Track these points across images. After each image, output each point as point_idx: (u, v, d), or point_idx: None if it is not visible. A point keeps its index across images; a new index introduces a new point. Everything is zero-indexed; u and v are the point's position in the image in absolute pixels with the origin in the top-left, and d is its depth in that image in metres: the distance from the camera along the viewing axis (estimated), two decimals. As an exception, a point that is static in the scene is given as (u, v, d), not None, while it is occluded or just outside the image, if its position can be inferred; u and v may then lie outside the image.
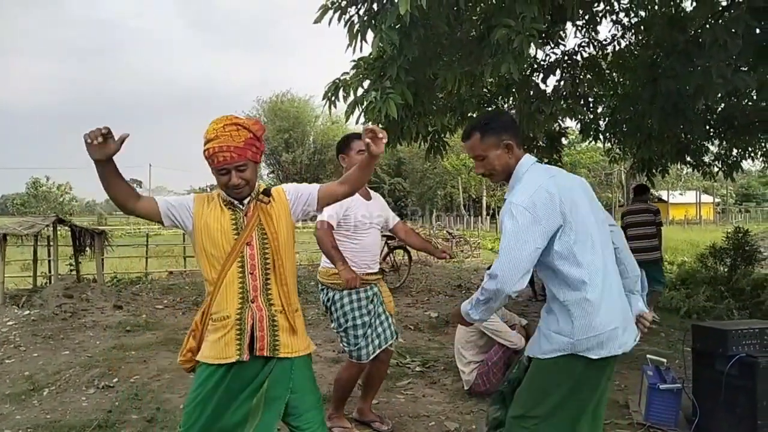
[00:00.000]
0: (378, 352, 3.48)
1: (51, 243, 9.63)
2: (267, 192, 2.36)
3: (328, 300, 3.53)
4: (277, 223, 2.32)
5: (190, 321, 7.35)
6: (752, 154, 9.73)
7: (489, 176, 2.42)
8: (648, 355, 4.24)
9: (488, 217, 43.29)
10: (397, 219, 3.85)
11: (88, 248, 9.38)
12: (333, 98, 5.36)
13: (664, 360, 4.13)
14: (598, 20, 7.85)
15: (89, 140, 1.96)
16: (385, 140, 2.19)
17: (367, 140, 2.17)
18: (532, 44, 4.39)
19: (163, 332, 6.59)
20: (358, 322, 3.43)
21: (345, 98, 5.41)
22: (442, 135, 7.81)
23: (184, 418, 2.26)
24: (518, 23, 4.34)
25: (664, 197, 52.52)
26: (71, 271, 9.67)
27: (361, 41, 4.95)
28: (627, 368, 5.22)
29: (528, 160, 2.33)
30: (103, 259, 9.92)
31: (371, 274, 3.56)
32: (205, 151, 2.20)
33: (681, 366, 4.56)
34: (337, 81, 5.42)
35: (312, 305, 8.43)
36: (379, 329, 3.51)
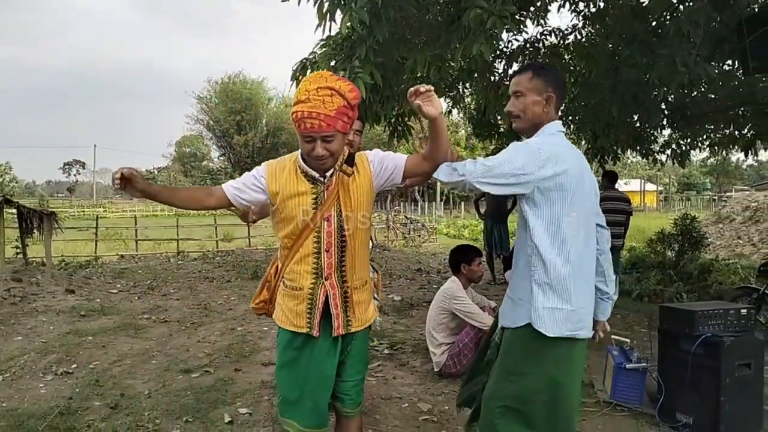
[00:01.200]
0: None
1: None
2: (351, 160, 2.21)
3: None
4: (358, 198, 2.21)
5: (147, 305, 7.22)
6: (700, 144, 10.09)
7: (515, 117, 2.32)
8: (612, 336, 4.36)
9: (442, 203, 43.69)
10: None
11: (35, 230, 8.96)
12: (300, 78, 5.27)
13: (627, 340, 4.26)
14: (557, 9, 7.95)
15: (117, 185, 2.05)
16: (432, 96, 1.98)
17: (417, 103, 1.97)
18: (505, 25, 4.42)
19: (120, 317, 6.39)
20: None
21: None
22: (406, 119, 7.80)
23: (279, 383, 2.39)
24: (490, 4, 4.35)
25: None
26: (17, 254, 9.25)
27: (330, 21, 4.87)
28: (589, 348, 5.36)
29: (557, 125, 2.28)
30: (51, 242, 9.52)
31: None
32: (293, 113, 2.06)
33: (640, 346, 4.72)
34: (305, 61, 5.33)
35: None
36: None
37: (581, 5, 8.16)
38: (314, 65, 5.29)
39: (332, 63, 5.30)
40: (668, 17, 6.68)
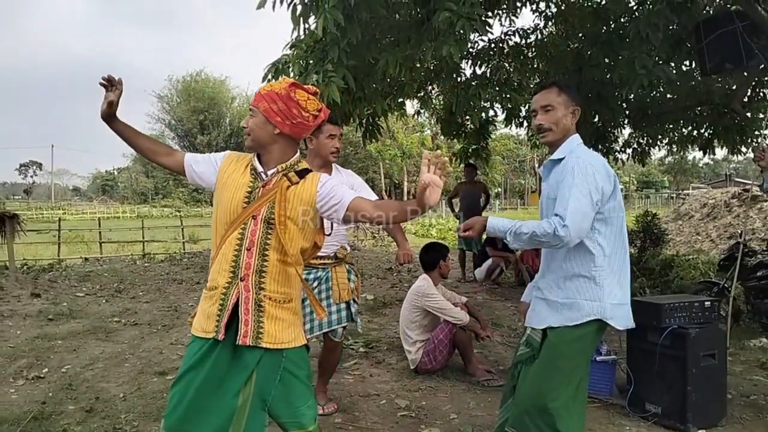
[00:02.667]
0: (308, 336, 3.31)
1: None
2: (302, 173, 2.16)
3: None
4: (293, 209, 2.10)
5: (116, 308, 7.13)
6: (659, 143, 10.40)
7: (546, 131, 2.45)
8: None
9: (408, 202, 43.90)
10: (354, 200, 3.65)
11: (-3, 233, 8.73)
12: (273, 80, 5.27)
13: (596, 334, 4.40)
14: (518, 9, 8.08)
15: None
16: (440, 186, 1.80)
17: (430, 179, 1.77)
18: (474, 27, 4.52)
19: (89, 320, 6.29)
20: None
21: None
22: (377, 119, 7.86)
23: (169, 399, 2.11)
24: (459, 7, 4.43)
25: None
26: (-23, 258, 9.01)
27: (304, 24, 4.90)
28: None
29: (577, 139, 2.47)
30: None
31: (320, 257, 3.37)
32: None
33: (609, 340, 4.87)
34: (278, 64, 5.33)
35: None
36: (314, 315, 3.28)
37: (542, 5, 8.36)
38: (285, 67, 5.30)
39: (303, 64, 5.31)
40: (629, 19, 6.89)
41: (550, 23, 8.51)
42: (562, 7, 8.06)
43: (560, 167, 2.42)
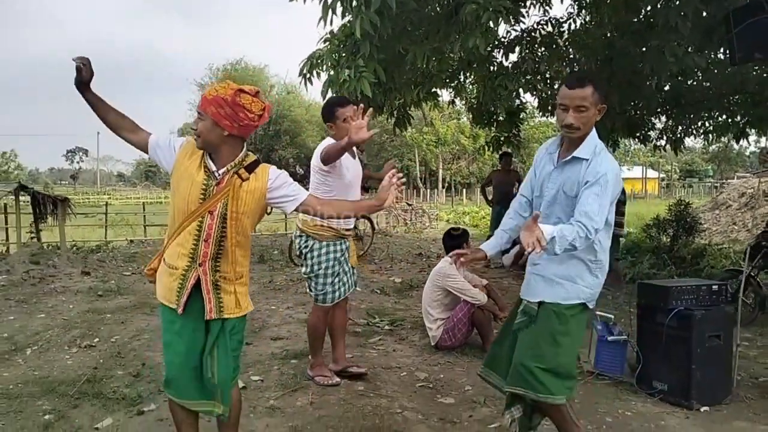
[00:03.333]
0: (340, 299, 3.90)
1: (10, 211, 9.53)
2: (251, 167, 2.41)
3: (306, 247, 3.81)
4: (246, 203, 2.40)
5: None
6: (694, 132, 10.34)
7: (576, 129, 2.50)
8: (597, 312, 4.68)
9: (444, 190, 43.93)
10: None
11: (49, 216, 9.31)
12: (309, 76, 5.52)
13: (611, 316, 4.58)
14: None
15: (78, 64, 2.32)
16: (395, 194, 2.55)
17: (390, 195, 2.52)
18: (500, 20, 4.67)
19: (136, 297, 6.73)
20: (329, 271, 3.79)
21: (318, 75, 5.58)
22: (408, 108, 8.08)
23: (164, 357, 2.54)
24: (486, 0, 4.58)
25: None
26: (32, 238, 9.60)
27: (332, 15, 5.12)
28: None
29: (596, 137, 2.58)
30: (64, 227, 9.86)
31: (348, 229, 3.89)
32: None
33: (626, 323, 5.03)
34: (312, 59, 5.56)
35: (278, 272, 8.67)
36: (345, 278, 3.91)
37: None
38: (320, 61, 5.54)
39: (336, 58, 5.54)
40: (659, 8, 6.92)
41: (583, 11, 8.54)
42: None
43: (583, 167, 2.50)
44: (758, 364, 4.48)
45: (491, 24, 4.70)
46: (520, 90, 8.59)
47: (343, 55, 5.45)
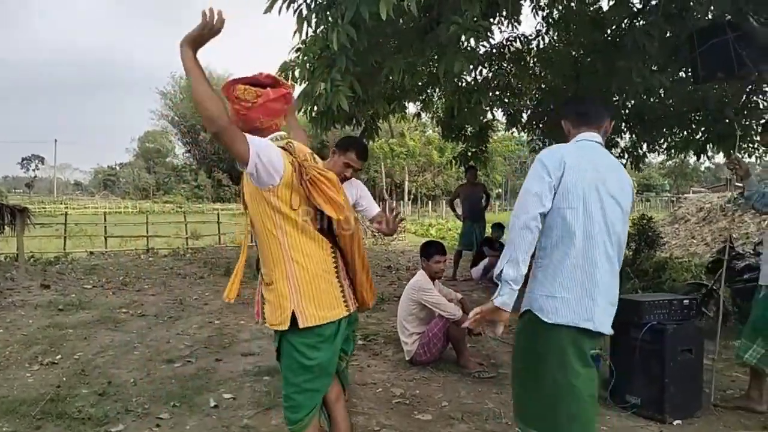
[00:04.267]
0: None
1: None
2: None
3: None
4: (247, 191, 2.30)
5: (123, 300, 7.37)
6: (657, 148, 10.61)
7: None
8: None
9: (410, 202, 44.10)
10: (376, 210, 3.48)
11: (6, 227, 8.96)
12: None
13: (584, 330, 4.63)
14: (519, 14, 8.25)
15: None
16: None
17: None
18: (480, 39, 4.69)
19: (98, 311, 6.52)
20: None
21: (293, 86, 5.51)
22: (378, 120, 8.08)
23: None
24: (464, 19, 4.59)
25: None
26: (-13, 250, 9.25)
27: (308, 28, 5.08)
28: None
29: (577, 138, 2.50)
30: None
31: None
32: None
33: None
34: (285, 69, 5.50)
35: (246, 285, 8.50)
36: None
37: (543, 12, 8.54)
38: (293, 72, 5.48)
39: (310, 69, 5.49)
40: (626, 28, 7.10)
41: (551, 30, 8.70)
42: (562, 11, 8.25)
43: None
44: (725, 377, 4.58)
45: (472, 43, 4.71)
46: (494, 105, 8.69)
47: (317, 67, 5.40)
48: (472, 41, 4.58)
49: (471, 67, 8.40)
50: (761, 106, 8.06)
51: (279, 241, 2.23)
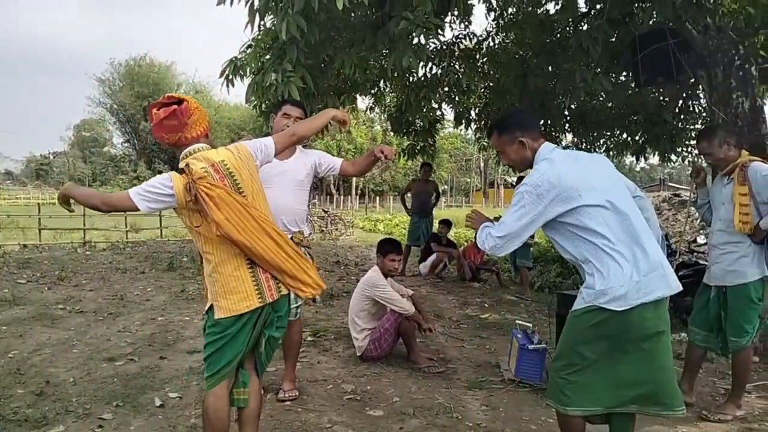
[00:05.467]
0: None
1: None
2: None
3: None
4: None
5: (59, 296, 7.09)
6: (597, 148, 10.96)
7: (512, 167, 2.73)
8: (517, 321, 4.82)
9: (357, 197, 44.05)
10: (340, 161, 3.82)
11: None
12: (232, 78, 5.34)
13: (530, 324, 4.74)
14: (475, 14, 8.39)
15: None
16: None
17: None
18: (430, 36, 4.72)
19: (33, 307, 6.23)
20: None
21: (242, 77, 5.41)
22: (329, 115, 8.00)
23: None
24: (416, 15, 4.61)
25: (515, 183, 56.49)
26: None
27: (260, 21, 4.99)
28: (495, 334, 5.85)
29: (545, 149, 2.55)
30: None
31: None
32: None
33: (541, 331, 5.21)
34: (235, 60, 5.40)
35: (190, 280, 8.33)
36: None
37: (494, 13, 8.68)
38: (243, 64, 5.38)
39: (260, 62, 5.39)
40: (572, 31, 7.29)
41: (501, 31, 8.83)
42: (510, 13, 8.40)
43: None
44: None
45: (422, 40, 4.73)
46: (443, 101, 8.77)
47: (268, 58, 5.32)
48: (422, 38, 4.58)
49: (421, 63, 8.49)
50: (696, 110, 8.42)
51: (197, 246, 2.66)
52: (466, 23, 8.53)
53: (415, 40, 4.68)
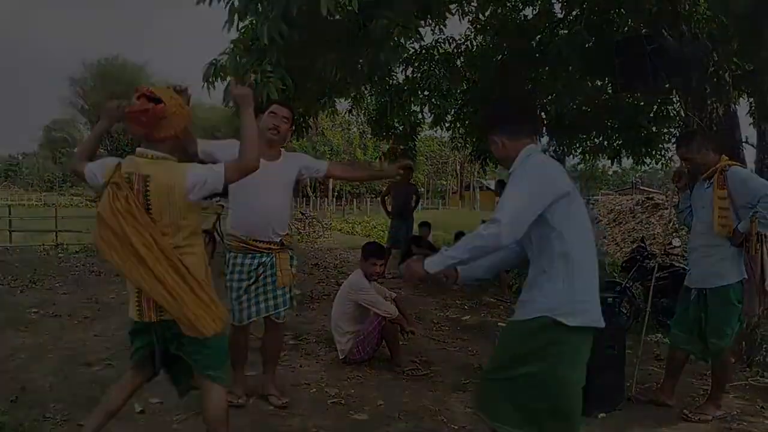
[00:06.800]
0: (251, 320, 3.57)
1: None
2: None
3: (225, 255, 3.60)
4: None
5: (32, 299, 6.91)
6: (573, 151, 11.09)
7: (502, 162, 2.70)
8: (498, 324, 4.86)
9: (334, 199, 43.94)
10: (325, 164, 3.87)
11: None
12: (213, 81, 5.28)
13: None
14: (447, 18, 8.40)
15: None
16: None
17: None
18: (410, 37, 4.74)
19: (6, 311, 6.07)
20: (234, 285, 3.50)
21: (222, 79, 5.35)
22: (307, 117, 7.99)
23: None
24: (396, 13, 4.62)
25: (492, 186, 57.02)
26: None
27: (240, 21, 4.94)
28: (476, 336, 5.88)
29: (527, 152, 2.54)
30: None
31: (261, 242, 3.49)
32: None
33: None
34: (215, 62, 5.34)
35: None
36: (260, 299, 3.54)
37: (471, 16, 8.73)
38: (223, 66, 5.32)
39: (240, 63, 5.33)
40: (550, 36, 7.38)
41: (479, 35, 8.89)
42: (488, 17, 8.46)
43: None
44: (642, 371, 4.83)
45: (402, 40, 4.75)
46: (423, 105, 8.81)
47: (246, 60, 5.27)
48: (402, 38, 4.60)
49: (402, 66, 8.50)
50: (672, 115, 8.58)
51: None
52: (442, 26, 8.56)
53: (396, 39, 4.69)
